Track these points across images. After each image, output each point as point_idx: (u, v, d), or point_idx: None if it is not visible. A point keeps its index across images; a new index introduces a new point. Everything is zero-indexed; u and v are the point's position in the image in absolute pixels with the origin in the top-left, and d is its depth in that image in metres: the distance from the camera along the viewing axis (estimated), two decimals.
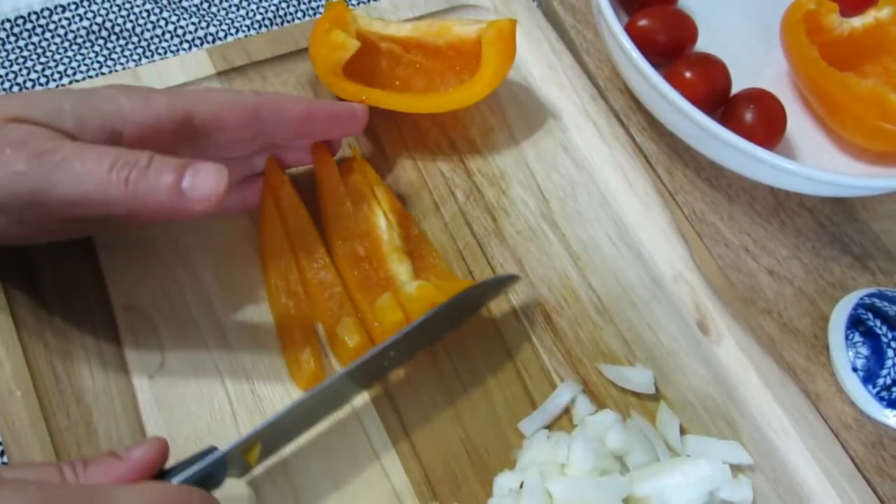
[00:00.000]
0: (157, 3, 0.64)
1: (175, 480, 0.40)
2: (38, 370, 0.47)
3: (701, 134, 0.58)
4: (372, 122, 0.60)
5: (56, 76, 0.60)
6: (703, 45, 0.66)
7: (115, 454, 0.39)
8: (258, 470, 0.46)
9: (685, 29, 0.66)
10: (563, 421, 0.51)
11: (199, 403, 0.48)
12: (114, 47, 0.62)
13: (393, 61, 0.61)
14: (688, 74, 0.62)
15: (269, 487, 0.46)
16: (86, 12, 0.62)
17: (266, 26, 0.66)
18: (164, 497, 0.37)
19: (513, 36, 0.59)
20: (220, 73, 0.59)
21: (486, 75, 0.58)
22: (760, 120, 0.61)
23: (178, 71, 0.58)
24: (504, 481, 0.47)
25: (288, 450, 0.47)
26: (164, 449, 0.40)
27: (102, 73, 0.61)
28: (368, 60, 0.60)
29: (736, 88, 0.64)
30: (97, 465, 0.39)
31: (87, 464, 0.38)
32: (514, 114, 0.64)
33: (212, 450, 0.41)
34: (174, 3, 0.64)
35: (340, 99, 0.57)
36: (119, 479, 0.38)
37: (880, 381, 0.55)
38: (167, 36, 0.63)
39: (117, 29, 0.62)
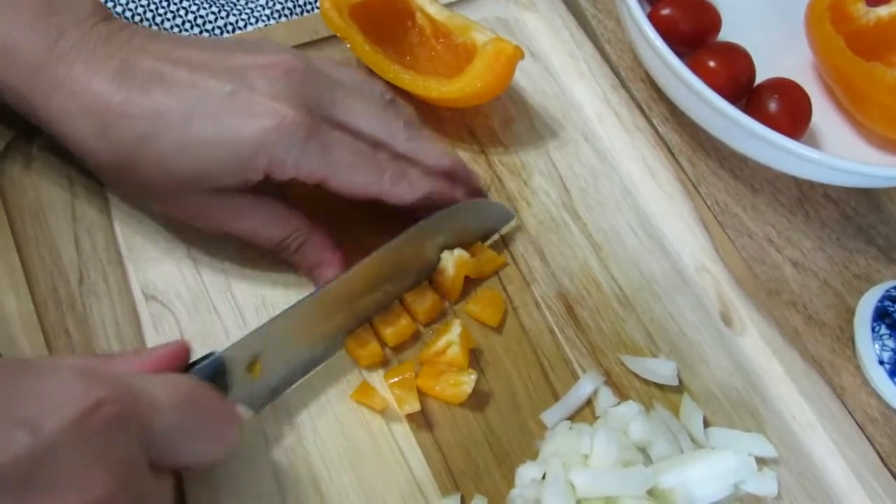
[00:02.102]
0: None
1: None
2: None
3: (725, 124, 0.57)
4: None
5: None
6: (727, 34, 0.66)
7: (138, 350, 0.41)
8: (280, 464, 0.46)
9: (708, 17, 0.65)
10: (585, 412, 0.51)
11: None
12: None
13: (418, 38, 0.61)
14: (711, 63, 0.61)
15: (290, 478, 0.46)
16: (106, 1, 0.62)
17: (286, 16, 0.66)
18: (186, 385, 0.38)
19: (511, 62, 0.56)
20: None
21: (464, 82, 0.56)
22: (785, 110, 0.60)
23: None
24: (526, 472, 0.47)
25: (309, 441, 0.47)
26: (186, 349, 0.41)
27: None
28: (397, 23, 0.61)
29: (759, 78, 0.63)
30: (122, 356, 0.40)
31: (111, 356, 0.40)
32: (535, 103, 0.63)
33: (211, 354, 0.42)
34: None
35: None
36: (142, 368, 0.39)
37: None
38: (187, 25, 0.63)
39: (137, 18, 0.62)
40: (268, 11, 0.65)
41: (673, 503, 0.45)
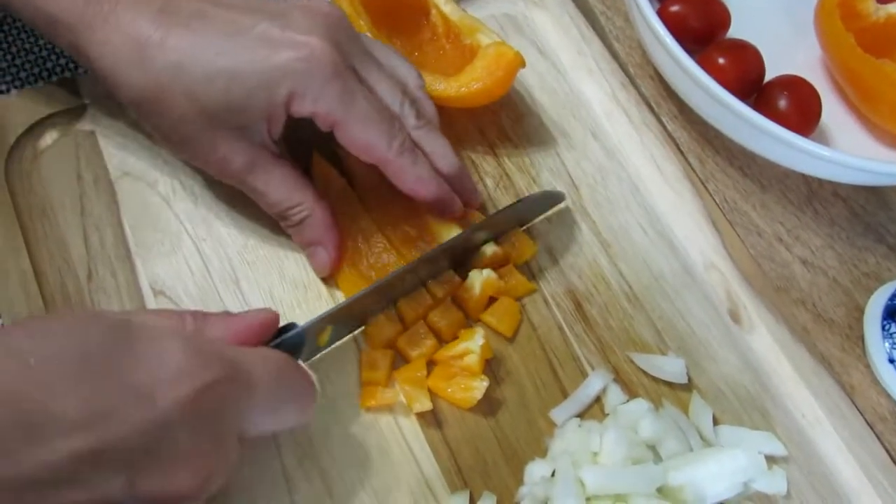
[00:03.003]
0: None
1: None
2: None
3: (735, 121, 0.57)
4: None
5: None
6: (736, 30, 0.66)
7: (230, 313, 0.42)
8: (290, 462, 0.46)
9: (718, 14, 0.65)
10: (594, 410, 0.50)
11: None
12: None
13: (430, 35, 0.61)
14: (721, 60, 0.61)
15: (299, 475, 0.46)
16: None
17: None
18: (279, 363, 0.40)
19: (510, 67, 0.56)
20: None
21: (461, 82, 0.56)
22: (795, 107, 0.60)
23: None
24: (535, 469, 0.47)
25: (318, 438, 0.47)
26: (276, 318, 0.43)
27: None
28: (412, 18, 0.61)
29: (769, 75, 0.63)
30: (216, 318, 0.41)
31: (205, 316, 0.41)
32: (543, 101, 0.63)
33: (293, 325, 0.44)
34: None
35: None
36: (236, 334, 0.41)
37: None
38: None
39: None
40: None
41: (683, 501, 0.45)
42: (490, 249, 0.53)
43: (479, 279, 0.51)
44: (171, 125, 0.48)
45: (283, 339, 0.43)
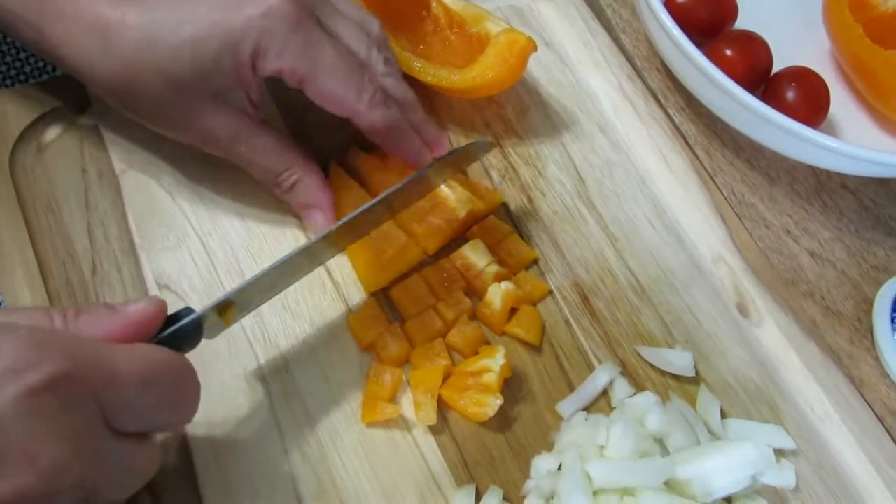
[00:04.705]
0: None
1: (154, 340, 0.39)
2: None
3: (743, 112, 0.57)
4: None
5: None
6: (744, 22, 0.65)
7: (110, 306, 0.39)
8: (294, 455, 0.46)
9: (725, 5, 0.65)
10: (601, 403, 0.50)
11: (234, 382, 0.48)
12: None
13: (433, 26, 0.61)
14: (728, 52, 0.61)
15: (305, 469, 0.46)
16: None
17: None
18: (157, 360, 0.37)
19: (523, 54, 0.56)
20: None
21: (475, 72, 0.56)
22: (803, 98, 0.60)
23: None
24: (542, 463, 0.46)
25: (324, 432, 0.47)
26: (162, 309, 0.40)
27: None
28: (413, 12, 0.60)
29: (777, 67, 0.62)
30: (90, 314, 0.38)
31: (78, 312, 0.38)
32: (550, 93, 0.62)
33: (189, 311, 0.41)
34: None
35: None
36: (110, 333, 0.38)
37: None
38: None
39: None
40: None
41: (690, 495, 0.45)
42: (493, 269, 0.52)
43: (499, 293, 0.51)
44: (148, 105, 0.48)
45: (175, 328, 0.40)
